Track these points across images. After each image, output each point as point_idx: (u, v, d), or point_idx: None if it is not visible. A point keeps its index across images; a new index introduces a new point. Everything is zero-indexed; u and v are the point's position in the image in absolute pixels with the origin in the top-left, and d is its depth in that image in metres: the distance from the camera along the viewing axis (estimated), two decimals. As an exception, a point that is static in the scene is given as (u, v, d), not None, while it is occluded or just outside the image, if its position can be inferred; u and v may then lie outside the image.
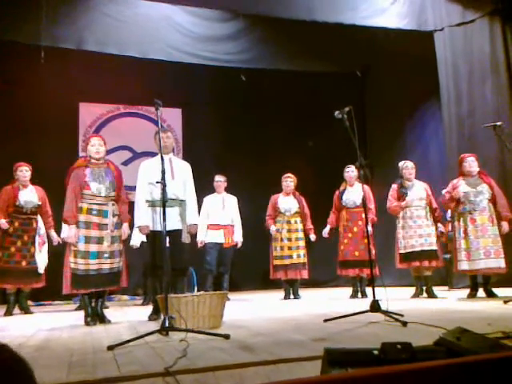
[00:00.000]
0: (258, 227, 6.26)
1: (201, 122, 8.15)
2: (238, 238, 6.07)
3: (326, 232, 5.72)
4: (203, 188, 5.67)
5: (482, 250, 4.59)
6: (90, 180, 3.63)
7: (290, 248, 5.70)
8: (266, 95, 8.23)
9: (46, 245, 5.14)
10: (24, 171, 5.06)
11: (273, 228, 5.79)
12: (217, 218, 6.02)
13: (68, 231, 3.57)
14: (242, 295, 6.83)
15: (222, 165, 7.23)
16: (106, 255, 3.58)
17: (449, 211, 5.41)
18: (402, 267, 5.24)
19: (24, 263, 4.95)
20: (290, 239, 5.72)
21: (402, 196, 5.18)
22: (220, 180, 6.18)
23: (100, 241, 3.57)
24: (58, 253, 5.17)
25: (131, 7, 6.20)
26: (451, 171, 5.81)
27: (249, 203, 7.07)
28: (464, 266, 4.67)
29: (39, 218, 5.11)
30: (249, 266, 7.65)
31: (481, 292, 4.74)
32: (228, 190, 6.32)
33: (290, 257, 5.68)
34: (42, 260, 5.04)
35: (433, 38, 6.52)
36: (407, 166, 5.25)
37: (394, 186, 5.30)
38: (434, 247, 5.01)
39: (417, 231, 5.06)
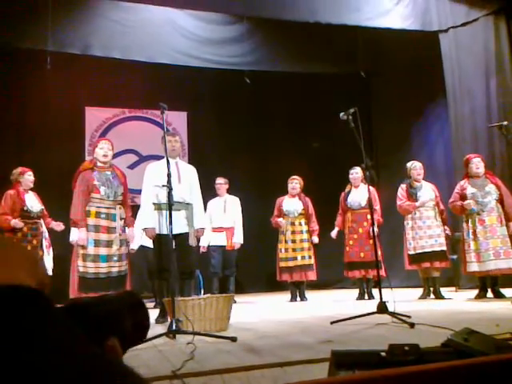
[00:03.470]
0: (263, 229, 6.26)
1: (206, 125, 8.17)
2: (236, 239, 6.02)
3: (334, 234, 5.73)
4: (209, 191, 5.68)
5: (491, 251, 4.56)
6: (100, 184, 3.65)
7: (294, 250, 5.69)
8: (271, 97, 8.23)
9: (51, 248, 5.19)
10: (32, 176, 5.11)
11: (280, 219, 5.74)
12: (219, 221, 6.01)
13: (78, 234, 3.57)
14: (248, 298, 6.82)
15: (227, 167, 7.24)
16: (115, 258, 3.61)
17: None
18: (411, 268, 5.20)
19: None
20: (294, 241, 5.71)
21: (411, 196, 5.15)
22: (220, 182, 6.18)
23: (109, 244, 3.60)
24: (61, 257, 5.22)
25: (136, 12, 6.24)
26: (458, 171, 5.78)
27: (254, 205, 7.08)
28: (474, 267, 4.64)
29: (42, 221, 5.14)
30: (254, 268, 7.64)
31: (488, 293, 4.71)
32: (233, 192, 6.32)
33: (295, 259, 5.66)
34: (49, 263, 5.08)
35: (438, 37, 6.51)
36: (415, 167, 5.23)
37: (403, 186, 5.26)
38: (444, 248, 4.99)
39: (426, 232, 5.03)
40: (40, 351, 0.34)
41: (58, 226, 5.12)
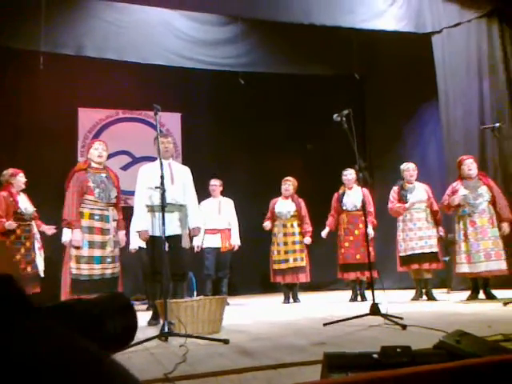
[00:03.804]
0: (257, 231, 6.24)
1: (200, 127, 8.15)
2: (234, 241, 6.05)
3: (324, 233, 5.71)
4: (203, 192, 5.67)
5: (482, 253, 4.57)
6: (94, 186, 3.63)
7: (286, 252, 5.68)
8: (265, 99, 8.23)
9: (43, 249, 5.16)
10: (23, 177, 5.07)
11: (266, 224, 5.80)
12: (213, 223, 6.00)
13: (73, 235, 3.54)
14: (241, 299, 6.81)
15: (221, 169, 7.24)
16: (108, 260, 3.59)
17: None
18: (402, 270, 5.23)
19: (29, 269, 4.95)
20: (286, 243, 5.70)
21: (402, 198, 5.17)
22: (215, 184, 6.17)
23: (103, 245, 3.58)
24: (52, 258, 5.19)
25: (130, 13, 6.22)
26: (451, 173, 5.81)
27: (248, 207, 7.07)
28: (464, 268, 4.66)
29: (34, 223, 5.11)
30: (248, 269, 7.63)
31: (480, 294, 4.73)
32: (227, 193, 6.31)
33: (287, 261, 5.66)
34: (41, 265, 5.06)
35: (430, 38, 6.54)
36: (408, 168, 5.25)
37: (395, 188, 5.28)
38: (435, 249, 5.00)
39: (417, 233, 5.05)
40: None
41: (50, 230, 5.10)
